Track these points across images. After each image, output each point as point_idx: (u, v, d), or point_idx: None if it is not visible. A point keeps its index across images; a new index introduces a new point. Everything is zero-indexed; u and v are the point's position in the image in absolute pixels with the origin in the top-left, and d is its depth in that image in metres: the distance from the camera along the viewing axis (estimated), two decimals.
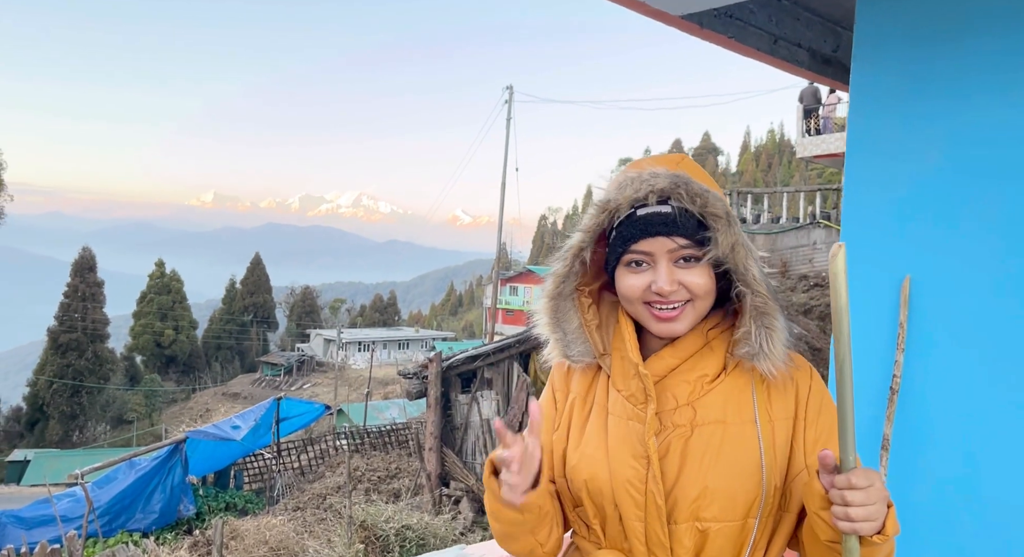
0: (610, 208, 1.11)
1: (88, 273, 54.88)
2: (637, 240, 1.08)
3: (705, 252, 1.07)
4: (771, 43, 2.70)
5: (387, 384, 49.93)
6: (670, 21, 2.40)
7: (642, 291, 1.09)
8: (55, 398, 50.85)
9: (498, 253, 26.91)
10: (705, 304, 1.10)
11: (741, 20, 2.55)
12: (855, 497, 0.91)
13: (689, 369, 1.12)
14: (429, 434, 8.80)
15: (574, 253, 1.15)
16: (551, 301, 1.19)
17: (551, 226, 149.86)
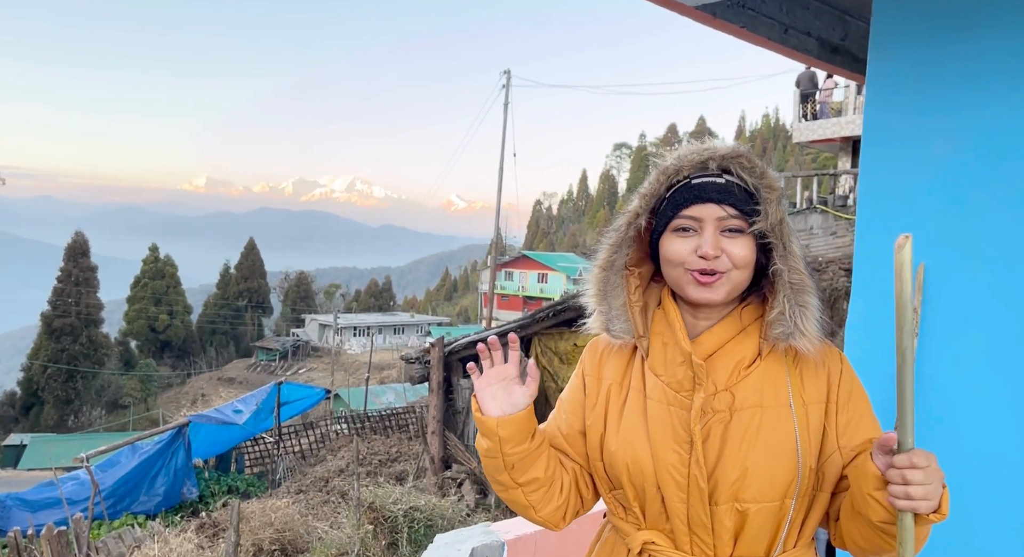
0: (670, 172, 1.15)
1: (81, 258, 54.63)
2: (689, 205, 1.11)
3: (750, 223, 1.10)
4: (781, 32, 2.74)
5: (383, 369, 50.06)
6: (685, 11, 2.43)
7: (687, 255, 1.12)
8: (50, 383, 50.84)
9: (495, 238, 26.95)
10: (743, 277, 1.12)
11: (753, 10, 2.59)
12: (915, 476, 0.94)
13: (726, 355, 1.14)
14: (432, 418, 8.90)
15: (629, 219, 1.18)
16: (602, 272, 1.22)
17: (546, 211, 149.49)
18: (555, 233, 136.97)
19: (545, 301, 66.00)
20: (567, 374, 8.82)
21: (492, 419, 1.15)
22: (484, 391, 1.18)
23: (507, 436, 1.15)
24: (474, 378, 1.22)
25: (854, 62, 3.10)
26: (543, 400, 9.05)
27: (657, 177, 1.16)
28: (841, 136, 19.40)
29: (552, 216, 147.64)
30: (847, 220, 15.09)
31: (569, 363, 8.79)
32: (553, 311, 8.85)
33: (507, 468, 1.17)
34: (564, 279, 64.95)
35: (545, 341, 9.02)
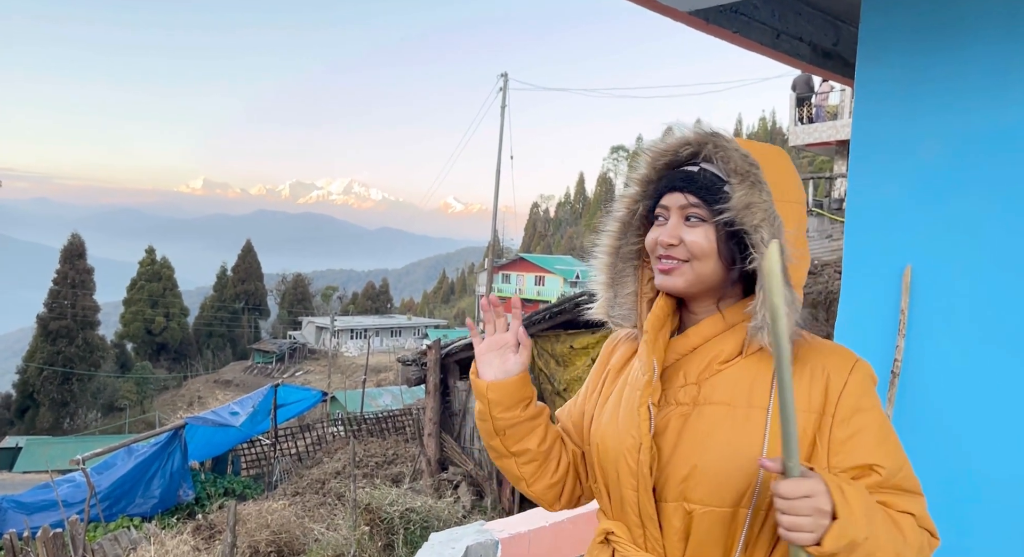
0: (655, 159, 1.15)
1: (77, 260, 54.50)
2: (662, 194, 1.13)
3: (714, 211, 1.07)
4: (774, 38, 2.78)
5: (380, 371, 50.00)
6: (678, 16, 2.47)
7: (653, 243, 1.12)
8: (45, 385, 50.65)
9: (492, 241, 26.97)
10: (706, 268, 1.09)
11: (746, 15, 2.62)
12: (781, 505, 0.90)
13: (706, 350, 1.11)
14: (428, 420, 8.91)
15: (627, 205, 1.19)
16: (608, 257, 1.22)
17: (543, 214, 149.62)
18: (552, 236, 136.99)
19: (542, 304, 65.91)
20: (563, 376, 8.84)
21: (483, 382, 1.18)
22: (482, 357, 1.20)
23: (496, 399, 1.17)
24: (475, 344, 1.24)
25: (845, 67, 3.14)
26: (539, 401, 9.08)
27: (645, 164, 1.17)
28: (837, 139, 19.49)
29: (549, 219, 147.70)
30: (843, 223, 15.12)
31: (565, 365, 8.82)
32: (549, 313, 8.87)
33: (498, 433, 1.19)
34: (561, 282, 64.96)
35: (542, 343, 9.05)
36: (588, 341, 8.71)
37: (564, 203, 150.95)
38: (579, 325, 9.02)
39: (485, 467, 9.00)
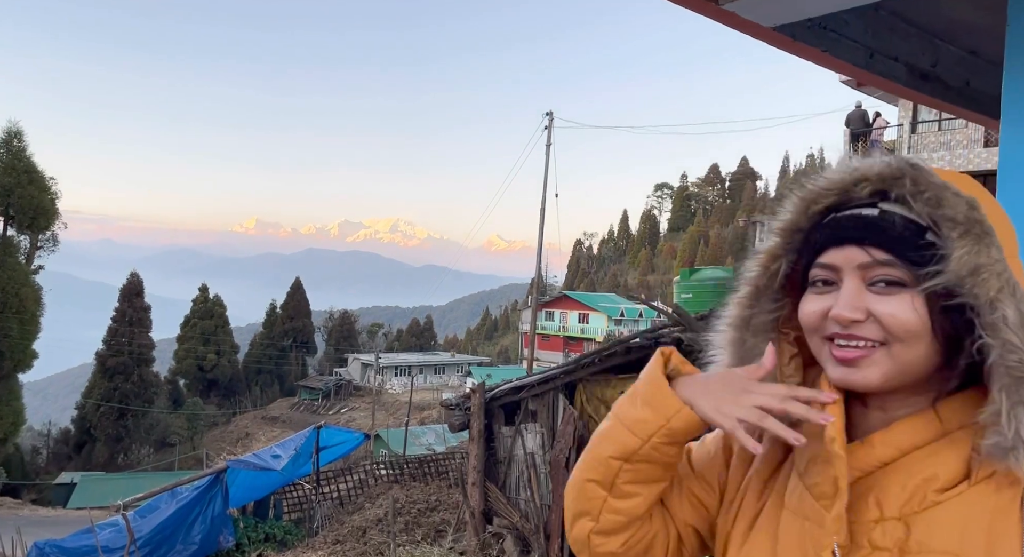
0: (808, 200, 0.83)
1: (135, 298, 56.48)
2: (824, 250, 0.81)
3: (920, 275, 0.75)
4: (867, 57, 2.44)
5: (424, 409, 49.82)
6: (760, 34, 2.17)
7: (818, 318, 0.80)
8: (102, 421, 52.05)
9: (537, 279, 26.72)
10: (912, 354, 0.76)
11: (835, 32, 2.31)
12: None
13: (909, 467, 0.78)
14: (472, 468, 8.53)
15: (764, 262, 0.88)
16: (734, 333, 0.91)
17: (587, 251, 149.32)
18: (596, 273, 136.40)
19: (586, 341, 65.19)
20: None
21: (680, 401, 0.84)
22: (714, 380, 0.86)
23: (679, 429, 0.84)
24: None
25: (946, 90, 2.77)
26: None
27: (795, 206, 0.85)
28: None
29: (593, 256, 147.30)
30: None
31: None
32: (599, 356, 8.45)
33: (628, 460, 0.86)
34: (606, 320, 64.11)
35: (591, 388, 8.62)
36: None
37: (607, 240, 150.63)
38: (630, 369, 8.57)
39: (532, 519, 8.53)
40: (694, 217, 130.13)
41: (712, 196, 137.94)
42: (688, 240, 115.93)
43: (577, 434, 8.17)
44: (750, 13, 2.06)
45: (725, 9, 2.03)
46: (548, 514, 8.36)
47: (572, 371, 8.65)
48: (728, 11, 2.03)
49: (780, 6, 2.07)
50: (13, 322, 30.12)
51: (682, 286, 17.20)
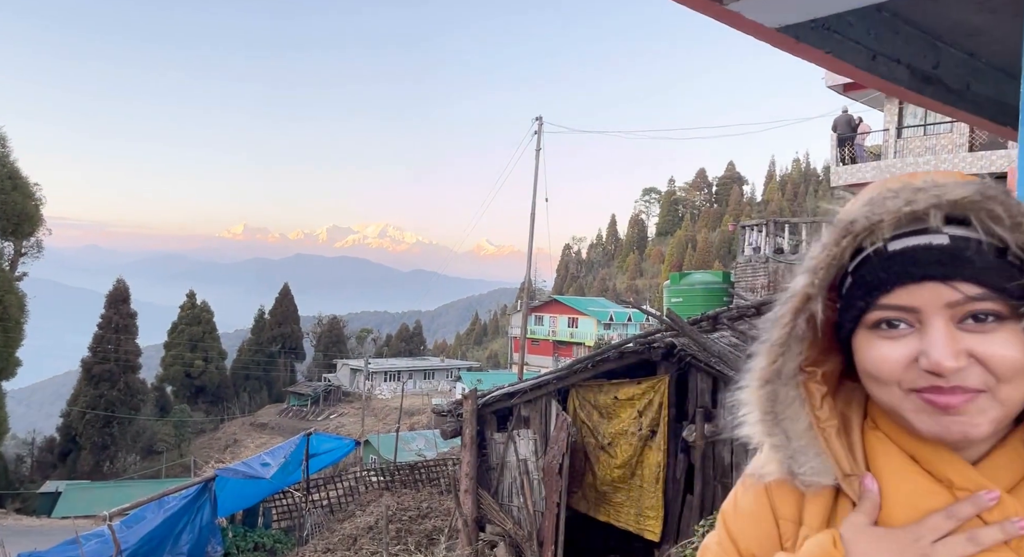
0: (858, 231, 0.72)
1: (122, 304, 55.86)
2: (890, 288, 0.70)
3: (1016, 305, 0.67)
4: (869, 59, 2.42)
5: (413, 414, 49.57)
6: (764, 35, 2.13)
7: (902, 369, 0.70)
8: (87, 429, 51.37)
9: (527, 283, 26.69)
10: (1018, 392, 0.69)
11: (839, 33, 2.28)
12: None
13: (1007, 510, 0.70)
14: (464, 475, 8.45)
15: (796, 306, 0.76)
16: (765, 386, 0.80)
17: (575, 255, 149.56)
18: (584, 277, 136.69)
19: (576, 345, 65.20)
20: (608, 429, 8.32)
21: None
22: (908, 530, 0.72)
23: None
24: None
25: (947, 93, 2.75)
26: (582, 457, 8.55)
27: (837, 240, 0.74)
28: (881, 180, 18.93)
29: (581, 260, 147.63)
30: None
31: (609, 418, 8.30)
32: (592, 362, 8.42)
33: None
34: (595, 324, 64.16)
35: (583, 393, 8.58)
36: (633, 392, 8.20)
37: (596, 245, 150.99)
38: (623, 374, 8.53)
39: (525, 526, 8.46)
40: (681, 221, 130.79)
41: (699, 200, 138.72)
42: (676, 244, 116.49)
43: (570, 440, 8.12)
44: (754, 13, 2.02)
45: (729, 9, 2.00)
46: (541, 521, 8.30)
47: (565, 377, 8.60)
48: (732, 11, 1.99)
49: (784, 6, 2.04)
50: None
51: (672, 290, 17.20)
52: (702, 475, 8.12)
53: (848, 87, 19.79)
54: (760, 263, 16.01)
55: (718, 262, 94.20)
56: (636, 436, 8.19)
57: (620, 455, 8.25)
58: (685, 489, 8.22)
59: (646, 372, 8.46)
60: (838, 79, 19.67)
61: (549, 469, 8.23)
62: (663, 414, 8.12)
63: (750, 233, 16.86)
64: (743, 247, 16.98)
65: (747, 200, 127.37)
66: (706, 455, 8.11)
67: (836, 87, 20.05)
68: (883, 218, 0.71)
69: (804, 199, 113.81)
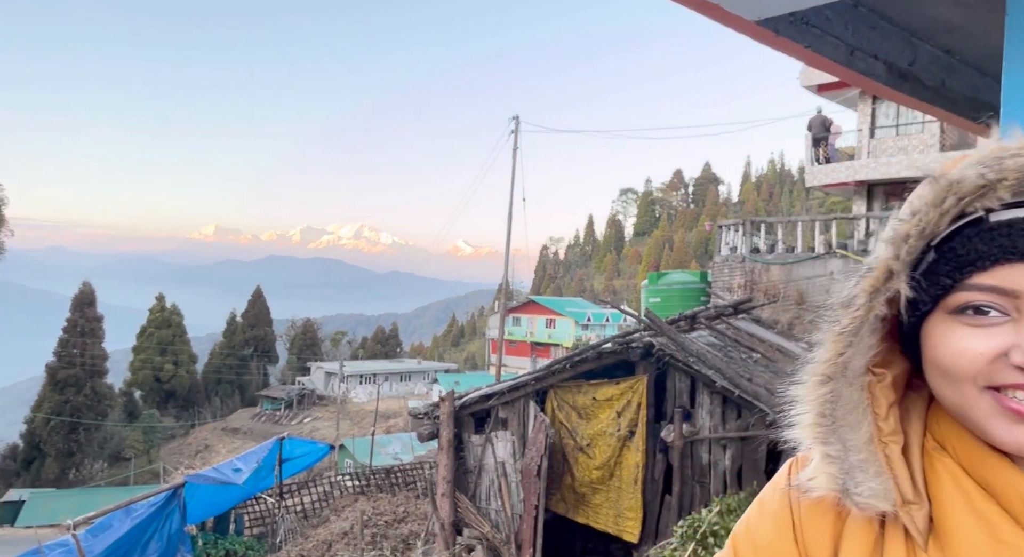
0: (964, 193, 0.61)
1: (88, 308, 54.60)
2: (990, 265, 0.59)
3: None
4: (847, 54, 2.40)
5: (389, 418, 49.19)
6: (744, 27, 2.10)
7: (985, 363, 0.60)
8: (52, 435, 50.11)
9: (504, 284, 26.63)
10: None
11: (818, 28, 2.26)
12: None
13: None
14: (442, 479, 8.35)
15: (875, 284, 0.64)
16: (826, 384, 0.68)
17: (553, 256, 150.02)
18: (562, 278, 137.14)
19: (553, 347, 65.33)
20: (586, 430, 8.30)
21: None
22: None
23: None
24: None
25: (923, 90, 2.76)
26: (560, 458, 8.51)
27: (937, 201, 0.63)
28: (855, 180, 19.24)
29: (559, 261, 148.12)
30: None
31: (588, 418, 8.28)
32: (570, 362, 8.39)
33: None
34: (573, 324, 64.37)
35: (562, 394, 8.54)
36: (612, 392, 8.19)
37: (574, 245, 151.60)
38: (601, 374, 8.51)
39: (503, 529, 8.39)
40: (658, 222, 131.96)
41: (676, 201, 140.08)
42: (653, 244, 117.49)
43: (549, 441, 8.07)
44: (735, 6, 1.99)
45: (710, 1, 1.95)
46: (520, 524, 8.24)
47: (543, 378, 8.56)
48: (713, 3, 1.95)
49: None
50: None
51: (650, 290, 17.28)
52: (680, 475, 8.14)
53: (823, 87, 20.10)
54: (737, 262, 16.16)
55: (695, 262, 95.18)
56: (615, 437, 8.17)
57: (599, 456, 8.23)
58: (664, 490, 8.23)
59: (625, 372, 8.45)
60: (813, 79, 19.96)
61: (527, 471, 8.17)
62: (641, 414, 8.12)
63: (727, 233, 17.00)
64: (720, 247, 17.13)
65: (723, 200, 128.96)
66: (684, 455, 8.13)
67: (811, 87, 20.34)
68: (1005, 177, 0.59)
69: (779, 199, 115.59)
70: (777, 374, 9.58)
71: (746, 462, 8.03)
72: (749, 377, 8.41)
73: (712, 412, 8.18)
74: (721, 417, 8.17)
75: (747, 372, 8.77)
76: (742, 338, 10.69)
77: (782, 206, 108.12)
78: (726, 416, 8.16)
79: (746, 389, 7.79)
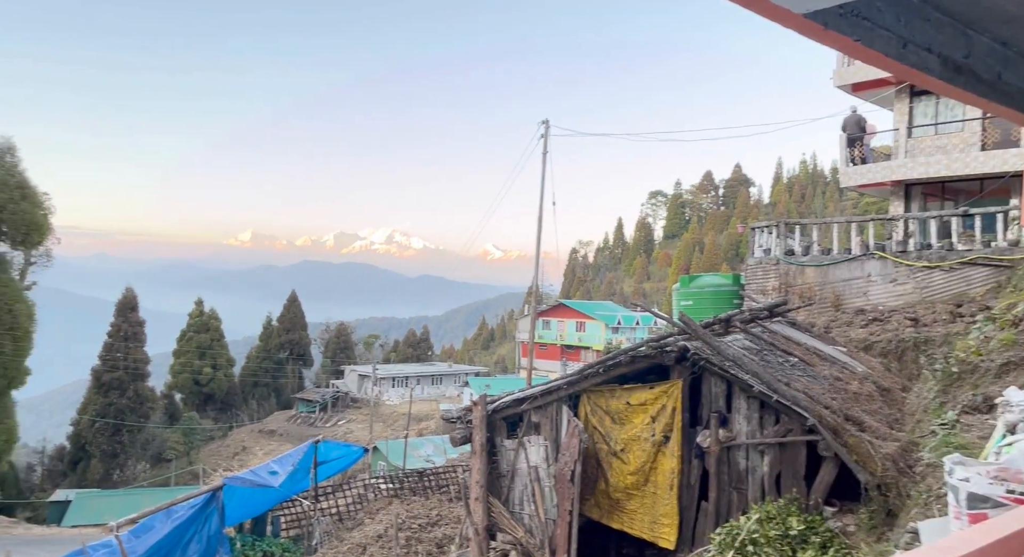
0: None
1: (130, 313, 56.08)
2: None
3: None
4: (899, 47, 2.30)
5: (421, 420, 49.45)
6: (790, 21, 2.02)
7: None
8: (97, 437, 51.53)
9: (534, 288, 26.55)
10: None
11: (868, 20, 2.16)
12: None
13: None
14: (475, 483, 8.32)
15: None
16: None
17: (582, 259, 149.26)
18: (592, 281, 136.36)
19: (583, 350, 64.93)
20: (620, 435, 8.19)
21: None
22: None
23: None
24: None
25: (978, 83, 2.63)
26: (594, 463, 8.41)
27: None
28: (892, 180, 18.70)
29: (588, 264, 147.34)
30: (907, 266, 14.24)
31: (622, 423, 8.17)
32: (603, 367, 8.29)
33: None
34: (603, 327, 63.91)
35: (595, 399, 8.45)
36: (646, 397, 8.07)
37: (603, 248, 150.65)
38: (635, 379, 8.40)
39: (537, 534, 8.33)
40: (688, 224, 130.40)
41: (706, 203, 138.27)
42: (683, 247, 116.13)
43: (582, 446, 7.99)
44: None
45: None
46: (554, 529, 8.16)
47: (576, 382, 8.47)
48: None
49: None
50: (6, 339, 29.77)
51: (682, 293, 17.03)
52: (717, 481, 7.97)
53: (857, 86, 19.59)
54: (771, 265, 15.83)
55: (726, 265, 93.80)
56: (649, 442, 8.05)
57: (633, 461, 8.11)
58: (700, 496, 8.07)
59: (659, 377, 8.32)
60: (847, 78, 19.48)
61: (561, 476, 8.10)
62: (676, 419, 7.98)
63: (760, 235, 16.68)
64: (753, 249, 16.81)
65: (754, 202, 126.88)
66: (721, 461, 7.96)
67: (845, 87, 19.85)
68: None
69: (812, 201, 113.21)
70: (815, 378, 9.33)
71: (785, 468, 7.83)
72: (787, 381, 8.21)
73: (749, 417, 8.00)
74: (759, 422, 7.99)
75: (785, 376, 8.56)
76: (778, 342, 10.45)
77: (815, 207, 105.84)
78: (764, 421, 7.97)
79: (784, 394, 7.60)
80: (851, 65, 19.41)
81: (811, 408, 7.46)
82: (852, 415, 7.98)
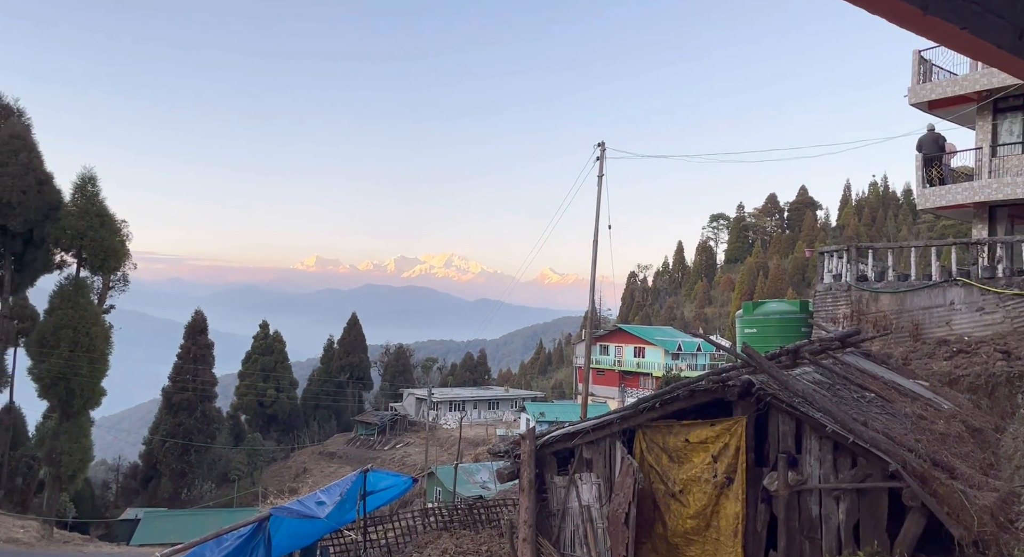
0: None
1: (199, 335, 58.14)
2: None
3: None
4: (1015, 38, 1.87)
5: (478, 445, 49.04)
6: (882, 7, 1.64)
7: None
8: (167, 456, 53.27)
9: (590, 312, 25.98)
10: None
11: (978, 4, 1.75)
12: None
13: None
14: (523, 522, 7.89)
15: None
16: None
17: (641, 283, 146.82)
18: (651, 305, 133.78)
19: (642, 376, 63.33)
20: (678, 475, 7.62)
21: None
22: None
23: None
24: None
25: None
26: (650, 505, 7.86)
27: None
28: (975, 201, 17.41)
29: (647, 288, 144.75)
30: (996, 294, 13.09)
31: (681, 463, 7.60)
32: (660, 401, 7.77)
33: None
34: (663, 353, 62.27)
35: (651, 435, 7.93)
36: (707, 434, 7.50)
37: (662, 272, 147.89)
38: (694, 414, 7.84)
39: None
40: (752, 248, 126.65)
41: (770, 226, 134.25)
42: (746, 272, 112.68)
43: (637, 486, 7.47)
44: None
45: None
46: None
47: (630, 416, 7.98)
48: None
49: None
50: (83, 361, 31.17)
51: (745, 320, 16.21)
52: (787, 529, 7.30)
53: (934, 104, 18.46)
54: (842, 291, 14.89)
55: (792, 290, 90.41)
56: (710, 483, 7.46)
57: (693, 504, 7.53)
58: (768, 544, 7.41)
59: (720, 412, 7.75)
60: (923, 96, 18.40)
61: (614, 518, 7.59)
62: (740, 459, 7.38)
63: (829, 259, 15.75)
64: (822, 274, 15.88)
65: (821, 225, 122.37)
66: (791, 506, 7.30)
67: (921, 104, 18.75)
68: None
69: (883, 224, 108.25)
70: (895, 416, 8.53)
71: (864, 517, 7.09)
72: (864, 420, 7.49)
73: (822, 459, 7.32)
74: (832, 465, 7.29)
75: (861, 414, 7.83)
76: (852, 375, 9.66)
77: (887, 231, 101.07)
78: (838, 464, 7.27)
79: (861, 434, 6.91)
80: (927, 81, 18.34)
81: (893, 451, 6.75)
82: (941, 460, 7.20)
